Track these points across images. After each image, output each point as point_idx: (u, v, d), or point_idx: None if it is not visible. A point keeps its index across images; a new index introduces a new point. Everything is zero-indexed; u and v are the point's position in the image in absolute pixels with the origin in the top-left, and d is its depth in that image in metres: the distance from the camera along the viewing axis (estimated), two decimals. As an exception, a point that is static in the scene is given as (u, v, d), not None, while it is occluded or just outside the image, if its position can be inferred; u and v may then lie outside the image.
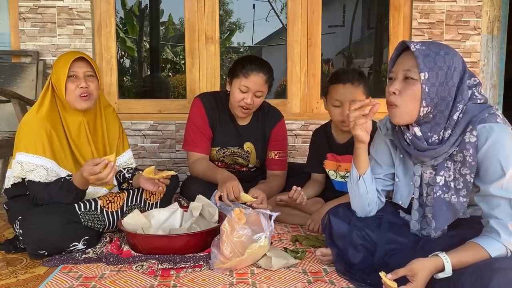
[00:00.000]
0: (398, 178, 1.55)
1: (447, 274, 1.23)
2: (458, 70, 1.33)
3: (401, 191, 1.55)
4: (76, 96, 1.84)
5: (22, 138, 1.78)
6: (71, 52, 2.07)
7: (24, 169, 1.75)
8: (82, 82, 1.84)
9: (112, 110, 2.10)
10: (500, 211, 1.27)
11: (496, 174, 1.27)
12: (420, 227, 1.51)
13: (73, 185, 1.73)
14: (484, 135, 1.28)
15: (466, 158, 1.30)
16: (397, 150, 1.54)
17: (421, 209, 1.49)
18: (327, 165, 2.27)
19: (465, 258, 1.25)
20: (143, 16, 4.80)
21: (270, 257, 1.65)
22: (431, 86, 1.31)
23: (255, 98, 2.19)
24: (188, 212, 1.96)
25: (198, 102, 2.33)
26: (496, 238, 1.26)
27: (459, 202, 1.34)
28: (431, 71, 1.31)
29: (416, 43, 1.35)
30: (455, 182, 1.35)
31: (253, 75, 2.14)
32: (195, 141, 2.29)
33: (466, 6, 3.12)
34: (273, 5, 4.66)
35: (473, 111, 1.32)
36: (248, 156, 2.38)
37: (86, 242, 1.78)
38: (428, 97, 1.32)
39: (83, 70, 1.87)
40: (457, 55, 1.35)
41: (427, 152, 1.38)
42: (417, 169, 1.47)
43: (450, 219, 1.37)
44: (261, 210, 1.77)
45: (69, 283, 1.52)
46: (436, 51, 1.32)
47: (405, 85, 1.35)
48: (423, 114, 1.34)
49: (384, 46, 3.71)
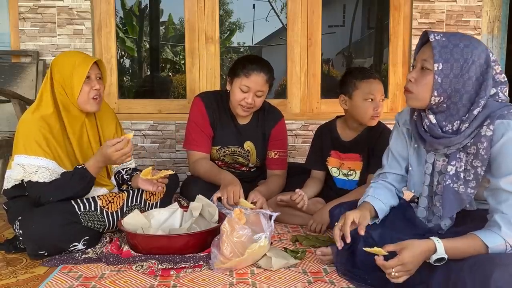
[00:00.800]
0: (411, 167, 1.59)
1: (439, 256, 1.25)
2: (478, 64, 1.33)
3: (414, 179, 1.58)
4: (89, 98, 1.85)
5: (20, 139, 1.78)
6: (75, 52, 2.01)
7: (27, 171, 1.74)
8: (96, 84, 1.86)
9: (107, 107, 2.11)
10: (506, 205, 1.28)
11: (508, 169, 1.28)
12: (427, 217, 1.53)
13: (88, 172, 1.77)
14: (501, 130, 1.29)
15: (479, 150, 1.32)
16: (412, 140, 1.57)
17: (430, 197, 1.51)
18: (330, 162, 2.28)
19: (458, 244, 1.27)
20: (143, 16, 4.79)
21: (270, 257, 1.65)
22: (444, 77, 1.34)
23: (256, 98, 2.19)
24: (188, 212, 1.96)
25: (199, 101, 2.33)
26: (496, 231, 1.26)
27: (467, 193, 1.36)
28: (446, 62, 1.33)
29: (438, 33, 1.37)
30: (465, 173, 1.37)
31: (254, 75, 2.15)
32: (196, 140, 2.29)
33: (466, 6, 3.12)
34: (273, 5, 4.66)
35: (492, 107, 1.34)
36: (249, 156, 2.38)
37: (86, 242, 1.78)
38: (440, 87, 1.35)
39: (95, 72, 1.88)
40: (478, 49, 1.34)
41: (442, 140, 1.40)
42: (429, 157, 1.49)
43: (456, 209, 1.40)
44: (262, 210, 1.77)
45: (69, 283, 1.52)
46: (455, 43, 1.34)
47: (421, 74, 1.39)
48: (435, 103, 1.37)
49: (384, 46, 3.70)
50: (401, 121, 1.63)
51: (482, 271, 1.16)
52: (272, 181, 2.33)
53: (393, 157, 1.65)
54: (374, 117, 2.12)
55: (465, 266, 1.21)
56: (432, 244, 1.27)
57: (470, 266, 1.20)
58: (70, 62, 1.84)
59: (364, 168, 2.20)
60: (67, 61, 1.85)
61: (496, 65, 1.37)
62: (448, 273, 1.25)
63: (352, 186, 2.24)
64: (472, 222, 1.41)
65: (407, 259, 1.26)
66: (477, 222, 1.37)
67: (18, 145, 1.77)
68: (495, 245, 1.25)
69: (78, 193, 1.80)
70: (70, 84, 1.83)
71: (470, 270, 1.19)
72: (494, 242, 1.25)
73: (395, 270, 1.27)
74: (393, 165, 1.65)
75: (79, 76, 1.82)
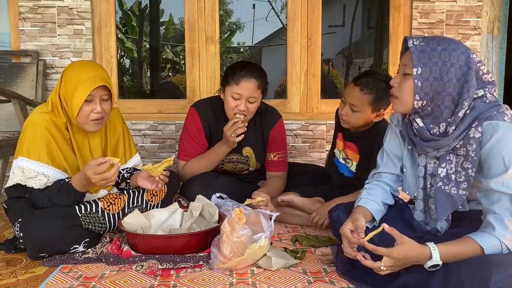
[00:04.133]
0: (405, 168, 1.60)
1: (435, 262, 1.26)
2: (458, 65, 1.33)
3: (408, 182, 1.59)
4: (88, 120, 1.77)
5: (25, 141, 1.75)
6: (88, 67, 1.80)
7: (25, 175, 1.73)
8: (97, 107, 1.76)
9: (117, 112, 2.06)
10: (499, 206, 1.28)
11: (498, 170, 1.29)
12: (424, 220, 1.53)
13: (72, 188, 1.72)
14: (489, 132, 1.30)
15: (469, 152, 1.33)
16: (406, 141, 1.58)
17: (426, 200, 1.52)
18: (338, 144, 2.31)
19: (454, 249, 1.27)
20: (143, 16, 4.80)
21: (270, 257, 1.65)
22: (424, 81, 1.35)
23: (249, 104, 2.15)
24: (188, 212, 1.96)
25: (194, 113, 2.30)
26: (490, 232, 1.27)
27: (458, 194, 1.37)
28: (425, 66, 1.35)
29: (417, 38, 1.39)
30: (456, 175, 1.37)
31: (244, 82, 2.11)
32: (188, 151, 2.29)
33: (466, 6, 3.12)
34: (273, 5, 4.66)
35: (480, 108, 1.34)
36: (248, 161, 2.37)
37: (87, 245, 1.78)
38: (421, 91, 1.36)
39: (100, 93, 1.77)
40: (456, 51, 1.34)
41: (430, 142, 1.41)
42: (421, 160, 1.50)
43: (449, 210, 1.40)
44: (262, 210, 1.77)
45: (69, 283, 1.52)
46: (433, 47, 1.35)
47: (402, 79, 1.42)
48: (418, 106, 1.39)
49: (384, 46, 3.70)
50: (394, 122, 1.64)
51: (480, 273, 1.16)
52: (272, 183, 2.32)
53: (388, 157, 1.66)
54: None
55: (463, 268, 1.22)
56: (427, 251, 1.27)
57: (467, 268, 1.20)
58: (76, 78, 1.74)
59: (361, 162, 2.20)
60: (74, 76, 1.75)
61: (482, 65, 1.37)
62: (447, 275, 1.25)
63: (349, 174, 2.26)
64: (470, 223, 1.41)
65: (395, 254, 1.28)
66: (474, 223, 1.37)
67: (22, 147, 1.75)
68: (490, 246, 1.25)
69: (68, 205, 1.76)
70: (71, 101, 1.75)
71: (468, 272, 1.19)
72: (488, 243, 1.25)
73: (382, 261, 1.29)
74: (388, 165, 1.66)
75: (79, 97, 1.73)
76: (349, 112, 2.07)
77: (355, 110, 2.06)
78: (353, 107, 2.06)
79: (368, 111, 2.05)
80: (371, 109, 2.06)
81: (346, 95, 2.10)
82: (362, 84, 2.03)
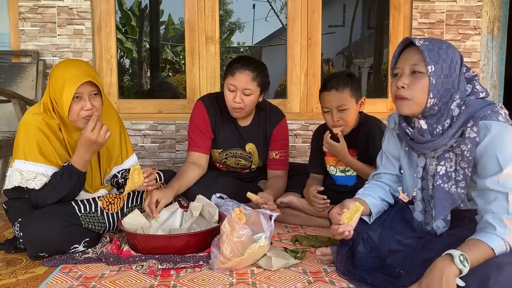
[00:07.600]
0: (403, 170, 1.60)
1: (463, 274, 1.20)
2: (458, 62, 1.39)
3: (407, 182, 1.59)
4: (79, 117, 1.76)
5: (20, 143, 1.75)
6: (72, 65, 1.80)
7: (24, 178, 1.73)
8: (87, 104, 1.75)
9: (114, 113, 2.06)
10: (496, 205, 1.28)
11: (493, 169, 1.29)
12: (424, 220, 1.53)
13: (74, 168, 1.73)
14: (483, 132, 1.31)
15: (464, 152, 1.34)
16: (403, 143, 1.58)
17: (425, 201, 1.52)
18: (328, 161, 2.29)
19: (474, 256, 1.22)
20: (143, 16, 4.79)
21: (270, 257, 1.65)
22: (437, 78, 1.36)
23: (244, 97, 2.15)
24: (188, 212, 1.96)
25: (201, 105, 2.32)
26: (492, 231, 1.26)
27: (458, 192, 1.38)
28: (437, 64, 1.36)
29: (419, 39, 1.40)
30: (456, 173, 1.38)
31: (238, 73, 2.12)
32: (196, 142, 2.29)
33: (466, 6, 3.12)
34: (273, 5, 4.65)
35: (474, 106, 1.35)
36: (251, 157, 2.37)
37: (87, 244, 1.78)
38: (435, 89, 1.37)
39: (88, 90, 1.75)
40: (454, 48, 1.41)
41: (426, 144, 1.42)
42: (420, 161, 1.50)
43: (448, 208, 1.41)
44: (262, 210, 1.77)
45: (69, 283, 1.52)
46: (438, 46, 1.38)
47: (413, 79, 1.39)
48: (430, 105, 1.39)
49: (384, 46, 3.71)
50: (391, 124, 1.64)
51: (480, 273, 1.16)
52: (274, 183, 2.31)
53: (386, 158, 1.67)
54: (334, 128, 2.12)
55: None
56: (454, 270, 1.20)
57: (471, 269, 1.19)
58: (62, 78, 1.73)
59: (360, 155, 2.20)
60: (60, 76, 1.74)
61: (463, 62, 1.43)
62: None
63: (351, 182, 2.25)
64: (468, 223, 1.41)
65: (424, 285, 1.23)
66: (473, 223, 1.37)
67: (18, 149, 1.75)
68: (498, 247, 1.23)
69: (72, 190, 1.76)
70: (60, 101, 1.74)
71: (471, 271, 1.19)
72: (497, 245, 1.23)
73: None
74: (387, 166, 1.67)
75: (66, 96, 1.71)
76: (340, 115, 2.08)
77: (344, 109, 2.07)
78: (340, 107, 2.07)
79: (353, 103, 2.09)
80: (355, 100, 2.09)
81: (327, 104, 2.09)
82: (333, 85, 2.07)
